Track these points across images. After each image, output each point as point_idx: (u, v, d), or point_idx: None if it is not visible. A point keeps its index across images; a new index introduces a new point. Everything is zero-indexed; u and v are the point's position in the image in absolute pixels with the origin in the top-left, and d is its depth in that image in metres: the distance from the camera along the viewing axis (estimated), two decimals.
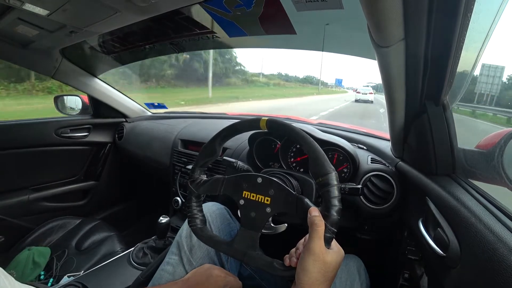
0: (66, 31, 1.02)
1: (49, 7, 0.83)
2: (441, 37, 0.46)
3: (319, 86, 33.72)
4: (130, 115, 1.81)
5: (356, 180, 0.90)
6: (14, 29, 1.02)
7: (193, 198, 0.64)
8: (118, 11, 0.84)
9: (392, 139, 0.86)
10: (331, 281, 0.48)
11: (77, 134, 1.61)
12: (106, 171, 1.76)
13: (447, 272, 0.52)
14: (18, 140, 1.41)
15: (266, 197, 0.56)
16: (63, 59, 1.36)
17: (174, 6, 0.82)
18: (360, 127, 1.30)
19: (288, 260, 0.53)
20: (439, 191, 0.60)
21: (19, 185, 1.45)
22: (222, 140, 0.64)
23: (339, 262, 0.49)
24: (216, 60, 18.43)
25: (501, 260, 0.38)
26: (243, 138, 1.09)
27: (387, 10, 0.38)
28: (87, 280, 0.87)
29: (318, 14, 0.79)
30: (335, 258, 0.48)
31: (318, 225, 0.47)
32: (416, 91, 0.59)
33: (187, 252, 0.70)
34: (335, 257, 0.48)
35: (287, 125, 0.57)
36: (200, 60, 16.02)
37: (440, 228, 0.55)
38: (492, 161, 0.49)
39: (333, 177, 0.50)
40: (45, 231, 1.27)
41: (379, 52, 0.48)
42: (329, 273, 0.47)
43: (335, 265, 0.48)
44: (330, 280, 0.48)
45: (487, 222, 0.45)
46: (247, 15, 0.87)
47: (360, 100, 17.93)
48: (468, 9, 0.41)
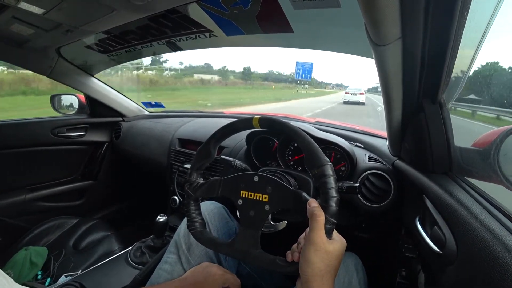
0: (62, 30, 1.01)
1: (45, 5, 0.82)
2: (438, 35, 0.46)
3: (299, 86, 28.05)
4: (127, 114, 1.80)
5: (353, 178, 0.90)
6: (9, 28, 1.01)
7: (191, 202, 0.64)
8: (114, 10, 0.83)
9: (389, 138, 0.86)
10: (335, 271, 0.48)
11: (73, 133, 1.60)
12: (103, 171, 1.76)
13: (444, 270, 0.52)
14: (14, 140, 1.40)
15: (264, 195, 0.56)
16: (59, 58, 1.35)
17: (170, 4, 0.82)
18: (357, 125, 1.30)
19: (291, 256, 0.52)
20: (436, 189, 0.60)
21: (16, 185, 1.44)
22: (217, 142, 0.64)
23: (341, 251, 0.49)
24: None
25: (497, 257, 0.38)
26: (240, 137, 1.09)
27: (384, 8, 0.38)
28: (85, 280, 0.87)
29: (315, 13, 0.79)
30: (337, 247, 0.48)
31: (318, 215, 0.47)
32: (413, 89, 0.59)
33: (185, 251, 0.70)
34: (337, 246, 0.48)
35: (280, 121, 0.57)
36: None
37: (437, 226, 0.55)
38: (488, 159, 0.49)
39: (329, 168, 0.50)
40: (42, 231, 1.26)
41: (376, 50, 0.48)
42: (332, 262, 0.47)
43: (338, 254, 0.48)
44: (334, 269, 0.48)
45: (484, 220, 0.45)
46: (244, 13, 0.86)
47: (349, 102, 16.79)
48: (465, 8, 0.41)
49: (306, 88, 30.48)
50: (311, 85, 41.17)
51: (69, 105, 1.69)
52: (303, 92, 27.87)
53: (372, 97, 22.10)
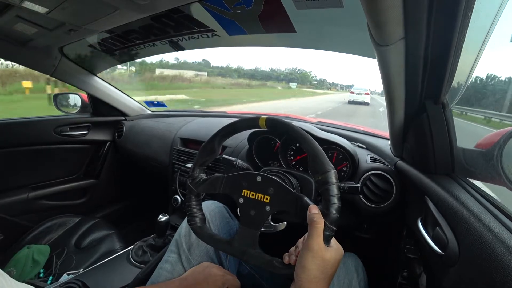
0: (65, 29, 1.02)
1: (48, 5, 0.83)
2: (441, 36, 0.46)
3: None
4: (130, 113, 1.81)
5: (355, 179, 0.90)
6: (13, 27, 1.02)
7: (193, 197, 0.64)
8: (117, 9, 0.83)
9: (391, 138, 0.86)
10: (330, 278, 0.48)
11: (76, 132, 1.61)
12: (106, 170, 1.76)
13: (446, 271, 0.52)
14: (17, 139, 1.41)
15: (266, 195, 0.56)
16: (62, 57, 1.35)
17: (173, 4, 0.82)
18: (360, 125, 1.30)
19: (288, 258, 0.53)
20: (438, 190, 0.60)
21: (19, 183, 1.45)
22: (221, 139, 0.64)
23: (338, 259, 0.49)
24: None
25: (499, 259, 0.38)
26: (242, 136, 1.09)
27: (387, 9, 0.37)
28: (87, 278, 0.87)
29: (318, 13, 0.79)
30: (334, 256, 0.48)
31: (317, 222, 0.47)
32: (416, 90, 0.59)
33: (185, 250, 0.70)
34: (334, 254, 0.48)
35: (286, 123, 0.57)
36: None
37: (439, 227, 0.55)
38: (491, 160, 0.49)
39: (332, 175, 0.49)
40: (45, 229, 1.27)
41: (379, 51, 0.47)
42: (328, 270, 0.47)
43: (334, 263, 0.48)
44: (329, 277, 0.48)
45: (486, 221, 0.45)
46: (247, 13, 0.86)
47: (354, 102, 17.05)
48: (469, 8, 0.41)
49: (293, 88, 27.25)
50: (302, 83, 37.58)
51: (72, 104, 1.70)
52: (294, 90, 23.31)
53: (377, 98, 21.96)
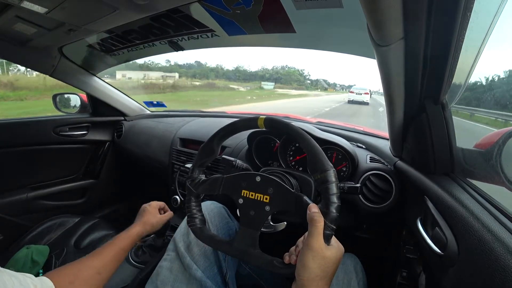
0: (65, 29, 1.02)
1: (48, 5, 0.83)
2: (441, 36, 0.46)
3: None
4: (129, 113, 1.81)
5: (355, 179, 0.90)
6: (12, 27, 1.02)
7: (192, 198, 0.64)
8: (117, 9, 0.83)
9: (391, 138, 0.86)
10: (331, 277, 0.48)
11: (75, 132, 1.60)
12: (105, 170, 1.76)
13: (445, 271, 0.52)
14: (16, 139, 1.41)
15: (265, 195, 0.56)
16: (62, 57, 1.35)
17: (173, 4, 0.82)
18: (359, 126, 1.30)
19: (288, 258, 0.53)
20: (438, 190, 0.60)
21: (18, 183, 1.44)
22: (220, 140, 0.64)
23: (338, 257, 0.49)
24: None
25: (498, 259, 0.38)
26: (242, 136, 1.09)
27: (387, 9, 0.37)
28: None
29: (318, 13, 0.79)
30: (335, 254, 0.48)
31: (317, 221, 0.47)
32: (415, 90, 0.59)
33: (182, 249, 0.70)
34: (335, 252, 0.48)
35: (285, 123, 0.57)
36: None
37: (438, 227, 0.55)
38: (491, 160, 0.49)
39: (332, 174, 0.50)
40: (44, 229, 1.27)
41: (378, 51, 0.48)
42: (328, 269, 0.47)
43: (335, 261, 0.48)
44: (330, 275, 0.48)
45: (485, 221, 0.45)
46: (246, 13, 0.86)
47: (353, 101, 17.12)
48: (468, 8, 0.41)
49: (266, 89, 22.56)
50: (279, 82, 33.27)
51: (72, 104, 1.70)
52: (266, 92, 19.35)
53: (377, 98, 21.96)
